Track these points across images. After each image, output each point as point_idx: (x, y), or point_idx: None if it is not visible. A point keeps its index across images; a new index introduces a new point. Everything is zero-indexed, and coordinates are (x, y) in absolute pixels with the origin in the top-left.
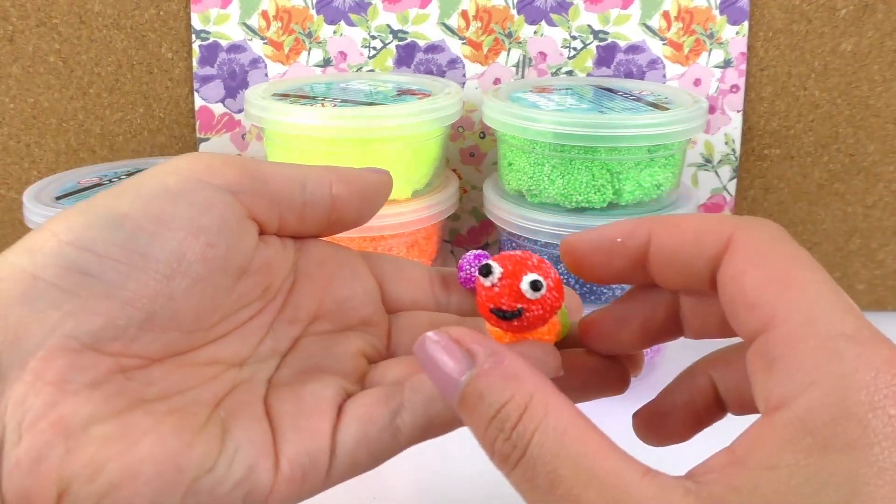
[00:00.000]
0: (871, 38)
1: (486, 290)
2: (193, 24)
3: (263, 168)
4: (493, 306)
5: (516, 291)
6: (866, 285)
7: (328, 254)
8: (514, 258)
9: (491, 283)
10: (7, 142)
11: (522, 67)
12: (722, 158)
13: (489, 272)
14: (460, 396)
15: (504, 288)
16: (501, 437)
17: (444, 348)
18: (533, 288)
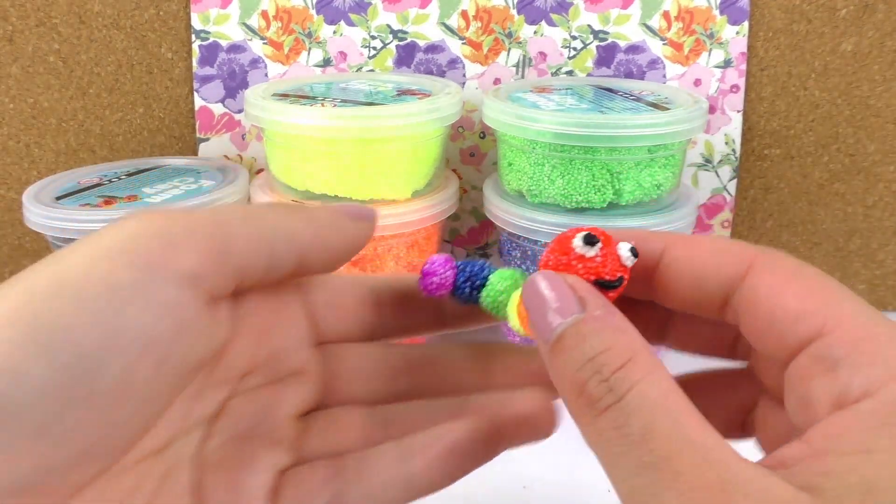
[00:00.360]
0: (871, 38)
1: (587, 262)
2: (193, 24)
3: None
4: (596, 277)
5: (616, 260)
6: (866, 285)
7: (263, 301)
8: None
9: (594, 254)
10: (7, 142)
11: (522, 67)
12: (722, 158)
13: (593, 242)
14: (558, 336)
15: (606, 258)
16: (597, 377)
17: (557, 289)
18: (633, 254)
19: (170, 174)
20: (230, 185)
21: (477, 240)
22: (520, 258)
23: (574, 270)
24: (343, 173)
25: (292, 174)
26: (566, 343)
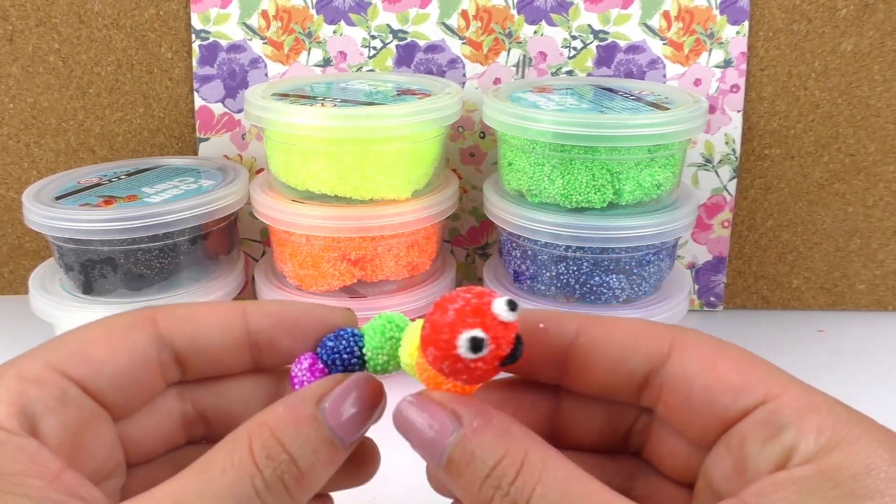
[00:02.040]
0: (871, 37)
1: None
2: (193, 23)
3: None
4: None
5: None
6: (866, 285)
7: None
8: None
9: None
10: (7, 142)
11: (522, 67)
12: (722, 158)
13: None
14: (447, 460)
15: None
16: (499, 493)
17: (426, 412)
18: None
19: (170, 174)
20: (230, 185)
21: (477, 240)
22: (520, 258)
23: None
24: (343, 173)
25: (292, 174)
26: (458, 465)
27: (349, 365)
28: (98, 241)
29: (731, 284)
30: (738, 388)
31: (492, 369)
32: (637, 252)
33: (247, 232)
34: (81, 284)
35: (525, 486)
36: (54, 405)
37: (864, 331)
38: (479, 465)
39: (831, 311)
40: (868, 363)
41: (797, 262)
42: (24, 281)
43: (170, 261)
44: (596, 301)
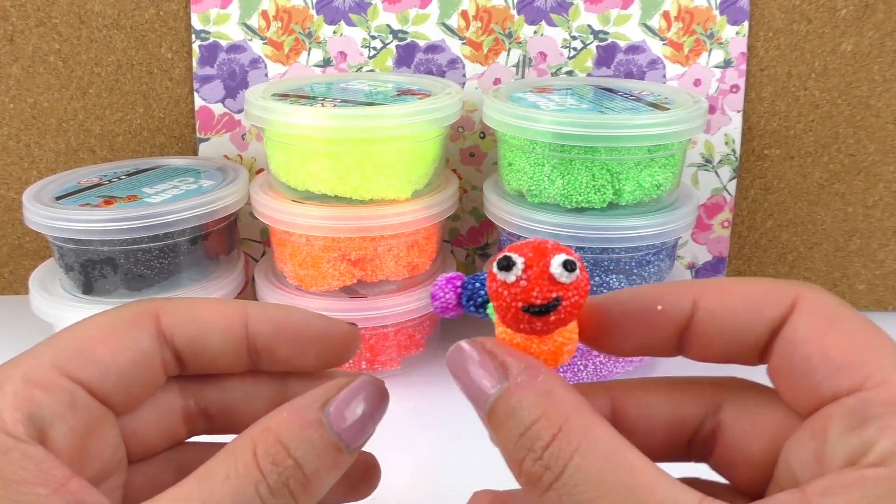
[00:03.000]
0: (871, 38)
1: (511, 288)
2: (193, 24)
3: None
4: (523, 304)
5: (548, 278)
6: (866, 285)
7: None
8: (530, 245)
9: (516, 277)
10: (7, 142)
11: (522, 67)
12: (722, 158)
13: (510, 265)
14: (489, 410)
15: (533, 278)
16: (531, 456)
17: (477, 359)
18: (567, 269)
19: (170, 174)
20: (230, 185)
21: (477, 240)
22: None
23: (501, 299)
24: (343, 173)
25: (292, 174)
26: (498, 417)
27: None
28: (98, 241)
29: None
30: (837, 366)
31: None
32: (637, 252)
33: (247, 232)
34: (81, 284)
35: (561, 454)
36: (63, 411)
37: None
38: (517, 421)
39: None
40: None
41: (797, 262)
42: (25, 281)
43: (170, 261)
44: None
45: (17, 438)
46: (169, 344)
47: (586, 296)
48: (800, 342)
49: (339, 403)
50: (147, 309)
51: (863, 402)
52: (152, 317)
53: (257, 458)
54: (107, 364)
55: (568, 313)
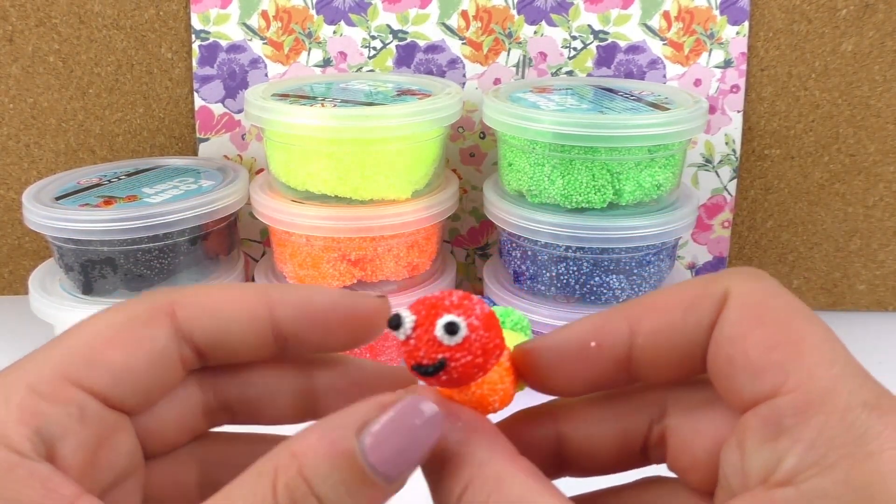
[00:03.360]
0: (871, 38)
1: (404, 346)
2: (193, 24)
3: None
4: (413, 363)
5: (433, 340)
6: (866, 285)
7: None
8: (427, 302)
9: (406, 336)
10: (7, 142)
11: (522, 67)
12: (722, 158)
13: (399, 324)
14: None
15: (419, 338)
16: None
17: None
18: (448, 332)
19: (170, 174)
20: (230, 185)
21: (477, 240)
22: (520, 258)
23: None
24: (343, 173)
25: (292, 174)
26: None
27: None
28: (98, 241)
29: None
30: (757, 369)
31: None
32: (637, 252)
33: (247, 232)
34: (81, 285)
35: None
36: (72, 425)
37: (864, 331)
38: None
39: (831, 312)
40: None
41: (797, 262)
42: (24, 281)
43: (170, 261)
44: (596, 301)
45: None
46: (188, 339)
47: (488, 355)
48: (725, 343)
49: (380, 430)
50: (162, 303)
51: (775, 410)
52: (168, 312)
53: (276, 492)
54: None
55: (460, 374)
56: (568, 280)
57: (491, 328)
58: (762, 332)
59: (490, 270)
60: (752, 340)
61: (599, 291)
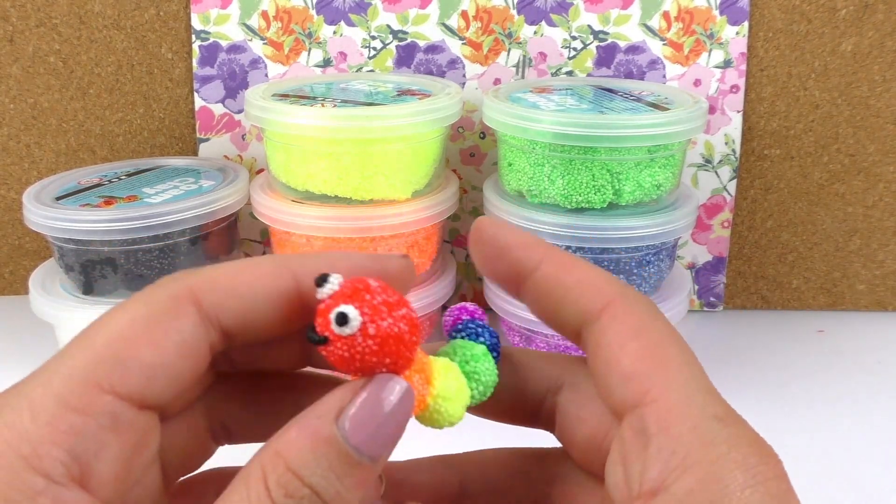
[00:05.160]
0: (871, 38)
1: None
2: (193, 24)
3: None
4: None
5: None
6: (866, 285)
7: None
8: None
9: (320, 297)
10: (7, 142)
11: (522, 68)
12: (722, 158)
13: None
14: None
15: (321, 308)
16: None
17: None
18: (337, 320)
19: (170, 174)
20: (230, 186)
21: None
22: None
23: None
24: (343, 173)
25: (292, 174)
26: None
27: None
28: (98, 241)
29: (730, 285)
30: (627, 375)
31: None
32: (637, 252)
33: (247, 232)
34: (82, 285)
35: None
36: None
37: (864, 331)
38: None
39: (831, 312)
40: (868, 363)
41: (797, 262)
42: (25, 281)
43: (170, 261)
44: None
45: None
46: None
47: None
48: (605, 347)
49: (356, 413)
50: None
51: (642, 419)
52: (192, 300)
53: (270, 492)
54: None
55: (333, 362)
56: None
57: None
58: (637, 345)
59: None
60: (627, 350)
61: None
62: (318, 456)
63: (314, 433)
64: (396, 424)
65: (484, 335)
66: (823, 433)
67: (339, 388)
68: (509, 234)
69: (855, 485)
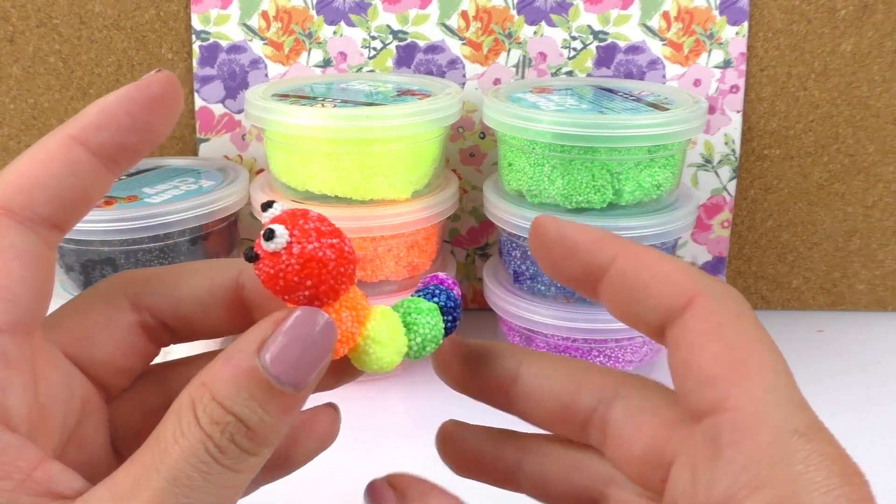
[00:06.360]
0: (870, 38)
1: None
2: (193, 24)
3: None
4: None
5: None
6: (866, 285)
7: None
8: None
9: (264, 221)
10: (7, 142)
11: (522, 68)
12: (722, 159)
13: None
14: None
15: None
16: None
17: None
18: (265, 236)
19: (170, 174)
20: (230, 185)
21: (477, 240)
22: (520, 258)
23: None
24: (343, 173)
25: (292, 174)
26: None
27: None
28: (98, 241)
29: (730, 285)
30: (706, 379)
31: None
32: None
33: (247, 232)
34: (82, 285)
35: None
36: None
37: (864, 331)
38: None
39: (831, 311)
40: (868, 363)
41: (797, 262)
42: None
43: (170, 261)
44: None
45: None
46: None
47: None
48: (684, 347)
49: (277, 346)
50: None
51: (715, 428)
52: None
53: (198, 419)
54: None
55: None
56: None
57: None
58: (717, 347)
59: (490, 270)
60: (707, 352)
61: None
62: (239, 386)
63: (236, 365)
64: (317, 355)
65: (440, 297)
66: None
67: (262, 320)
68: (576, 231)
69: None
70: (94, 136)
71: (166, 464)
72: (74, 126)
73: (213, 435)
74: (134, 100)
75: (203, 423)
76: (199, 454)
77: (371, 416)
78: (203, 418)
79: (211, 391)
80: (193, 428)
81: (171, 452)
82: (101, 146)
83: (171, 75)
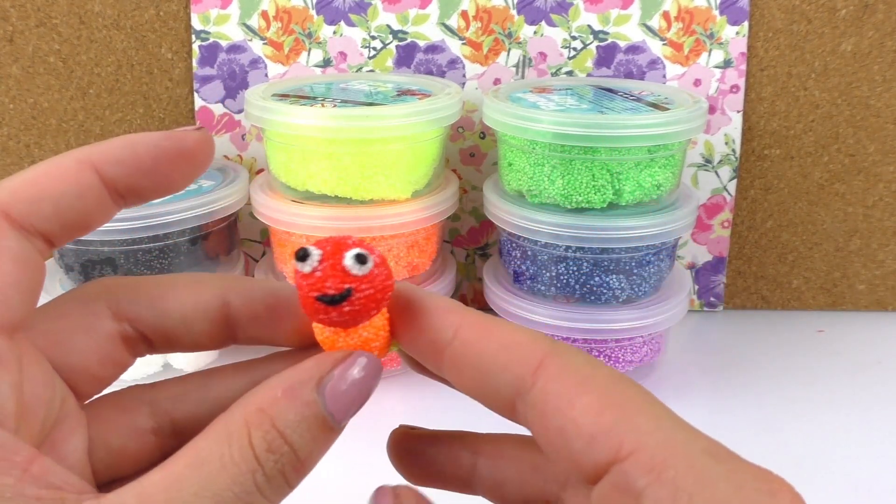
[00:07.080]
0: (871, 38)
1: (307, 279)
2: (193, 24)
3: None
4: (317, 293)
5: (340, 270)
6: (866, 285)
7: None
8: (331, 240)
9: (311, 269)
10: (7, 142)
11: (522, 68)
12: (722, 158)
13: (306, 256)
14: None
15: (327, 269)
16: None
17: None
18: (358, 261)
19: None
20: (230, 186)
21: (477, 240)
22: (520, 258)
23: (301, 292)
24: (343, 173)
25: (292, 174)
26: None
27: None
28: (98, 241)
29: (730, 285)
30: (591, 436)
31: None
32: (637, 252)
33: (247, 232)
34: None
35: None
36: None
37: (864, 331)
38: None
39: (831, 312)
40: (868, 363)
41: (797, 262)
42: None
43: (170, 261)
44: (596, 301)
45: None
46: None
47: (385, 291)
48: (552, 415)
49: (336, 382)
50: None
51: (625, 475)
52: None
53: (253, 446)
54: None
55: (363, 305)
56: (568, 280)
57: (388, 267)
58: (587, 400)
59: (490, 270)
60: (580, 408)
61: (599, 291)
62: (301, 417)
63: (298, 397)
64: (366, 395)
65: None
66: (823, 433)
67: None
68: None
69: (855, 485)
70: (112, 168)
71: (210, 489)
72: (96, 152)
73: (265, 465)
74: (163, 149)
75: (258, 452)
76: (245, 484)
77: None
78: (259, 445)
79: (272, 419)
80: (247, 454)
81: (216, 479)
82: (114, 180)
83: (208, 136)
